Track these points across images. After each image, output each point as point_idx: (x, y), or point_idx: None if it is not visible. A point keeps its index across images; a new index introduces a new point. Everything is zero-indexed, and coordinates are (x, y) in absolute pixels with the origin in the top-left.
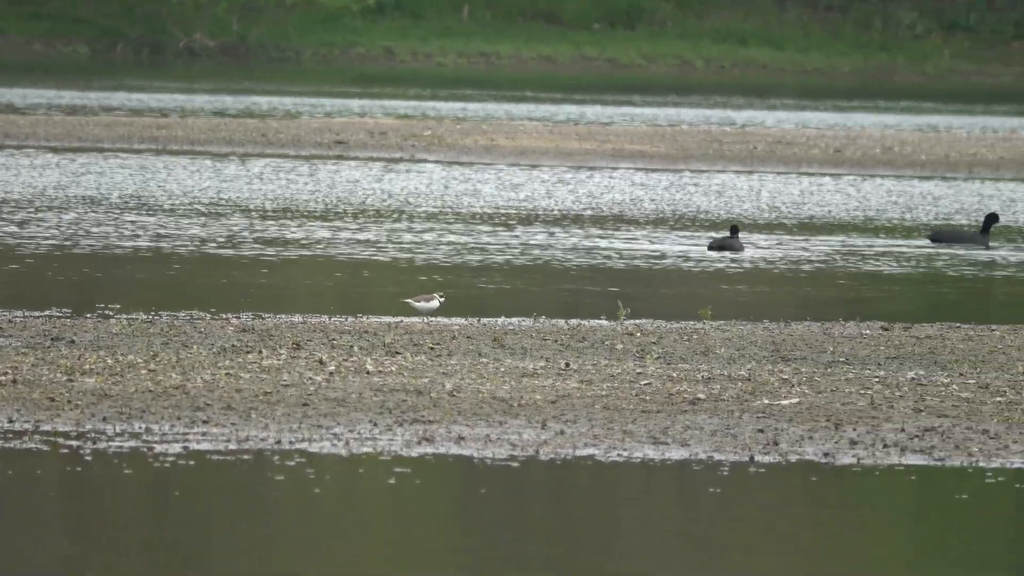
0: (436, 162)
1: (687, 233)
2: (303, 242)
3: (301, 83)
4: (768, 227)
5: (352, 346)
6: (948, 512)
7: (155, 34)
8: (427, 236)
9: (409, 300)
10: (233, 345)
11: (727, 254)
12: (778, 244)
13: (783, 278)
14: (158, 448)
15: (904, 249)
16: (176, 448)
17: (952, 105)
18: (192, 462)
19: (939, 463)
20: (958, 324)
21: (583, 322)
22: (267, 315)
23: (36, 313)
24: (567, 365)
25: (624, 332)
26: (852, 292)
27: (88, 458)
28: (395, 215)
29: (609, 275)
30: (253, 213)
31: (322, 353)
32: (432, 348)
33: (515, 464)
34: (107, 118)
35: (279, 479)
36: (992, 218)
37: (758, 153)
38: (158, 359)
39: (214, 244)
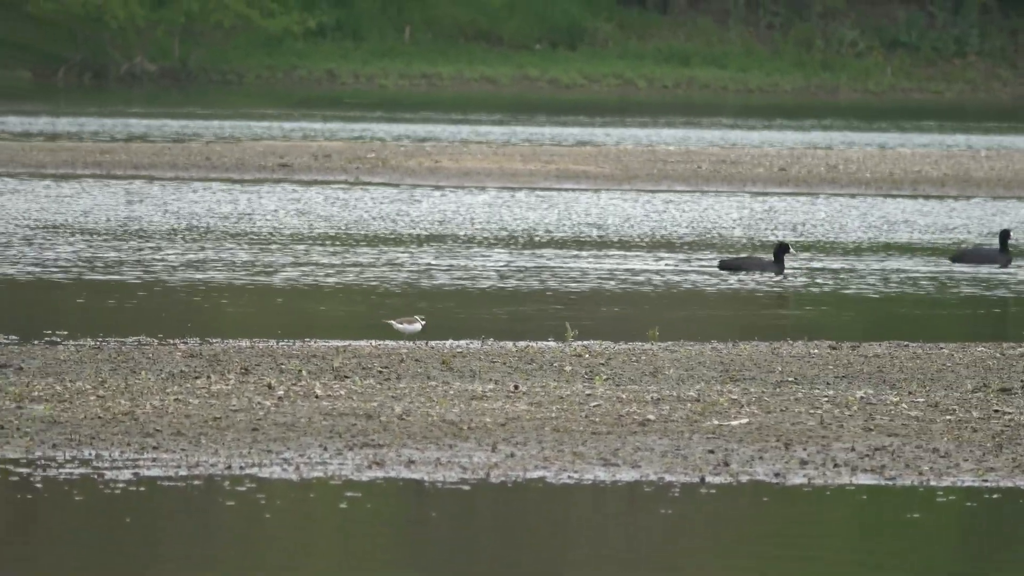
0: (381, 184)
1: (636, 253)
2: (246, 266)
3: (244, 106)
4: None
5: (300, 370)
6: (899, 531)
7: (97, 59)
8: (368, 259)
9: (392, 321)
10: (181, 371)
11: (742, 274)
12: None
13: (730, 298)
14: (108, 474)
15: (859, 266)
16: (126, 474)
17: (895, 122)
18: (142, 488)
19: (890, 482)
20: (906, 343)
21: (531, 344)
22: (214, 340)
23: None
24: (516, 387)
25: (572, 353)
26: (800, 311)
27: (38, 485)
28: (336, 239)
29: (556, 296)
30: (194, 238)
31: (271, 378)
32: (381, 371)
33: (466, 487)
34: (51, 143)
35: (230, 504)
36: (1006, 234)
37: (702, 172)
38: (107, 385)
39: (159, 269)
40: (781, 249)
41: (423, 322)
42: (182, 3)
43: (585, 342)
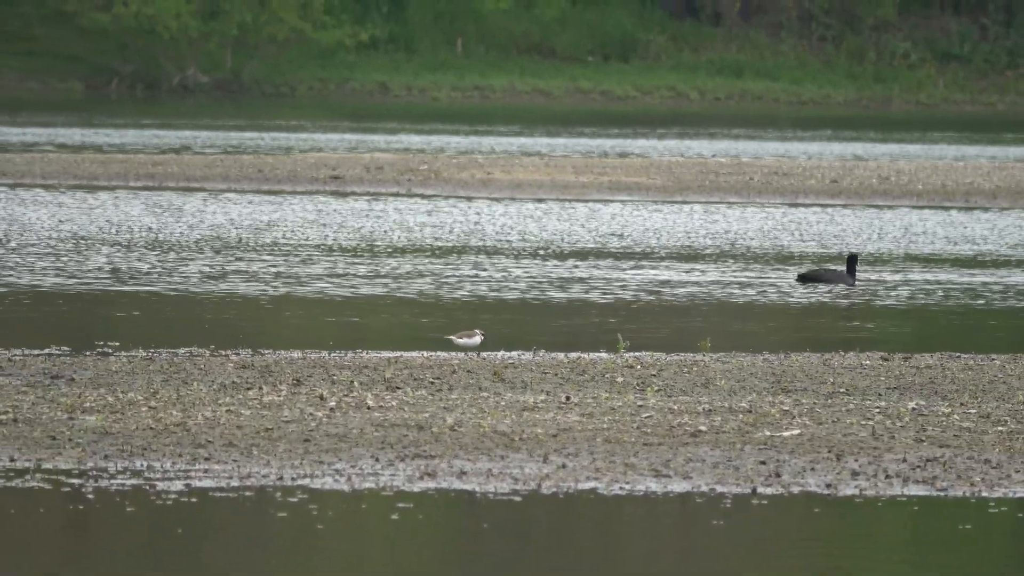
0: (433, 196)
1: (686, 264)
2: (296, 277)
3: (296, 118)
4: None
5: (352, 381)
6: (951, 543)
7: (149, 70)
8: (418, 270)
9: (452, 337)
10: (233, 382)
11: (821, 286)
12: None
13: (782, 309)
14: (160, 486)
15: (917, 277)
16: (178, 485)
17: (947, 134)
18: (194, 499)
19: (941, 493)
20: (958, 354)
21: (583, 355)
22: (266, 351)
23: (35, 351)
24: (568, 398)
25: (624, 365)
26: (852, 322)
27: (90, 496)
28: (387, 250)
29: (607, 307)
30: (244, 249)
31: (322, 389)
32: (433, 383)
33: (517, 498)
34: (102, 155)
35: (282, 516)
36: None
37: (754, 184)
38: (158, 396)
39: (210, 280)
40: (852, 260)
41: (482, 335)
42: (235, 15)
43: (637, 353)
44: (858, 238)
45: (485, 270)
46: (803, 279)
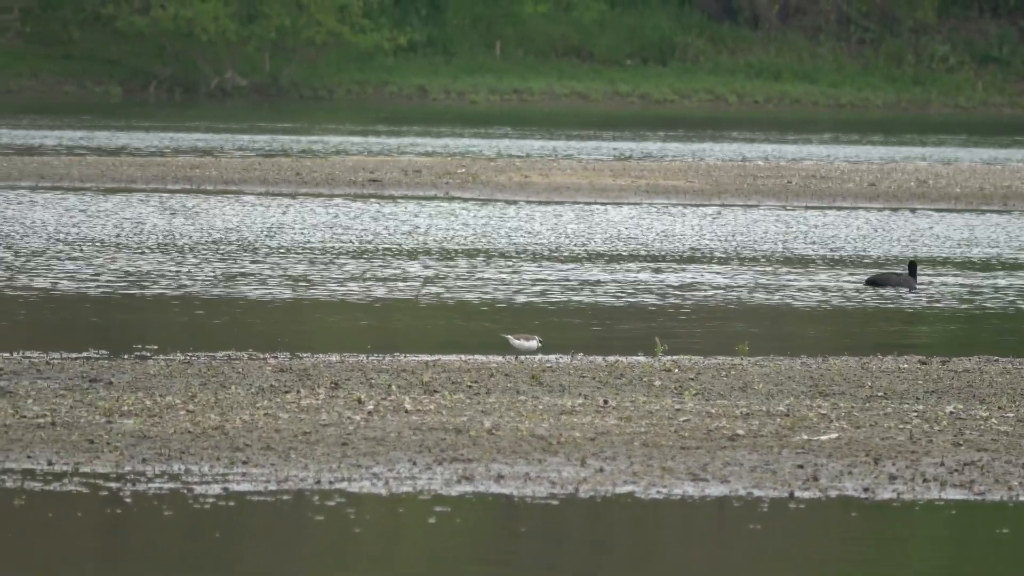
0: (471, 199)
1: (724, 268)
2: (335, 281)
3: (334, 122)
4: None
5: (390, 385)
6: (989, 547)
7: (187, 74)
8: (457, 273)
9: (509, 336)
10: (271, 385)
11: (890, 290)
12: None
13: (819, 313)
14: (198, 489)
15: (950, 280)
16: (216, 489)
17: (986, 138)
18: (232, 503)
19: (979, 497)
20: (996, 357)
21: (621, 359)
22: (304, 355)
23: (74, 355)
24: (605, 402)
25: (662, 368)
26: (888, 326)
27: (128, 500)
28: (424, 253)
29: (645, 311)
30: (285, 253)
31: (360, 392)
32: (470, 386)
33: (555, 502)
34: (141, 158)
35: (319, 519)
36: None
37: (792, 187)
38: (196, 400)
39: (248, 284)
40: (913, 266)
41: (540, 342)
42: (273, 19)
43: (674, 357)
44: (895, 242)
45: (523, 273)
46: (871, 283)
